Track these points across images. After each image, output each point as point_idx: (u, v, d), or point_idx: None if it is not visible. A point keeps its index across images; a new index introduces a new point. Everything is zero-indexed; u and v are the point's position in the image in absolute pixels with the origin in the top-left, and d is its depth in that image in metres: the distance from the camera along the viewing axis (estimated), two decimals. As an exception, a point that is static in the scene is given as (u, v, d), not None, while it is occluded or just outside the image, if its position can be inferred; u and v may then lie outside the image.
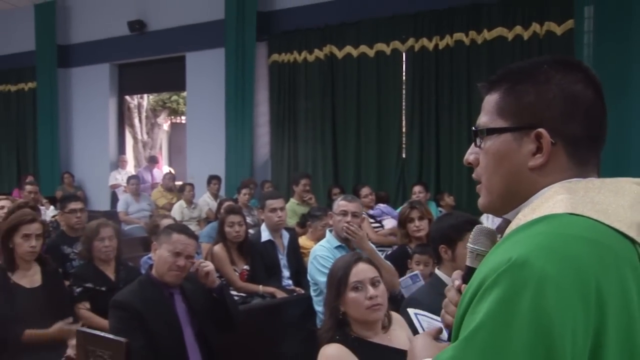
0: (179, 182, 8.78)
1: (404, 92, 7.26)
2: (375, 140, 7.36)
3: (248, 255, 4.17)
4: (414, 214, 3.85)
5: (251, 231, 4.66)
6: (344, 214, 3.35)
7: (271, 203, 4.25)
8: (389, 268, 3.23)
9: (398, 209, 5.13)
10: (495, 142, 0.98)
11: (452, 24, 6.81)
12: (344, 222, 3.32)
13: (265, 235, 4.26)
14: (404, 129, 7.29)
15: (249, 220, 4.99)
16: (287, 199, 5.87)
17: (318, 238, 4.17)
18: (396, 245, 4.27)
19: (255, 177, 7.74)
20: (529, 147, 0.94)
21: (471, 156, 1.03)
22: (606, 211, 0.87)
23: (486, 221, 4.62)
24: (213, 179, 7.64)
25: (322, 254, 3.30)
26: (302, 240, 4.60)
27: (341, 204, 3.41)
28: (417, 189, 6.12)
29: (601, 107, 0.96)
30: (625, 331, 0.81)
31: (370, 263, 2.17)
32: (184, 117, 12.87)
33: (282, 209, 4.30)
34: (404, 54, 7.20)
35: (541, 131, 0.93)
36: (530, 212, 0.90)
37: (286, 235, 4.37)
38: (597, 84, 0.97)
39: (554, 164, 0.93)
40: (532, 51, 6.24)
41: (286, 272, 4.24)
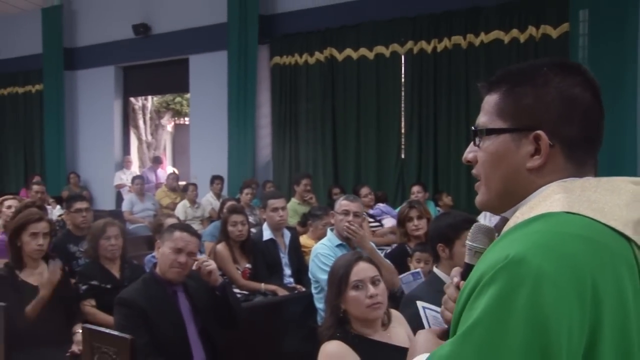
0: (182, 182, 8.79)
1: (403, 94, 7.26)
2: (374, 141, 7.36)
3: (250, 254, 4.16)
4: (413, 213, 3.84)
5: (253, 230, 4.66)
6: (346, 213, 3.35)
7: (273, 203, 4.25)
8: (388, 267, 3.22)
9: (397, 208, 5.13)
10: (494, 142, 0.97)
11: (450, 27, 6.81)
12: (345, 221, 3.32)
13: (267, 234, 4.26)
14: (403, 130, 7.30)
15: (251, 219, 4.99)
16: (289, 199, 5.87)
17: (318, 237, 4.17)
18: (395, 244, 4.26)
19: (257, 177, 7.74)
20: (527, 148, 0.94)
21: (470, 154, 1.02)
22: (602, 210, 0.86)
23: (484, 220, 4.61)
24: (216, 179, 7.64)
25: (323, 252, 3.30)
26: (303, 239, 4.59)
27: (343, 203, 3.40)
28: (416, 188, 6.12)
29: (599, 109, 0.96)
30: (620, 328, 0.80)
31: (370, 262, 2.16)
32: (187, 119, 12.87)
33: (284, 209, 4.30)
34: (402, 57, 7.21)
35: (540, 133, 0.92)
36: (528, 211, 0.90)
37: (287, 234, 4.36)
38: (595, 87, 0.96)
39: (552, 165, 0.93)
40: (528, 54, 6.24)
41: (287, 270, 4.24)
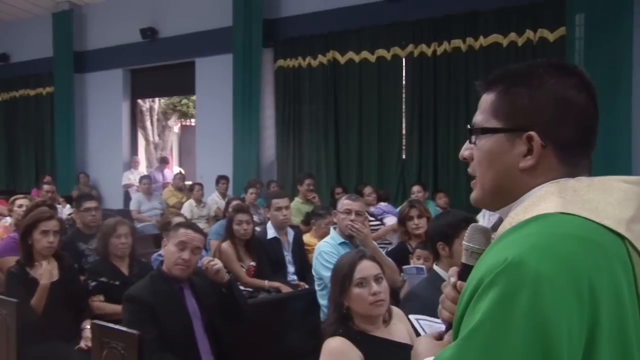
0: (188, 182, 8.80)
1: (404, 96, 7.26)
2: (376, 141, 7.36)
3: (255, 252, 4.16)
4: (413, 212, 3.84)
5: (258, 229, 4.66)
6: (348, 212, 3.34)
7: (277, 202, 4.25)
8: (390, 265, 3.22)
9: (398, 207, 5.12)
10: (489, 141, 0.97)
11: (450, 31, 6.80)
12: (348, 220, 3.31)
13: (271, 233, 4.26)
14: (403, 131, 7.29)
15: (255, 218, 4.98)
16: (292, 198, 5.86)
17: (321, 235, 4.17)
18: (395, 234, 4.24)
19: (261, 177, 7.74)
20: (520, 148, 0.93)
21: (466, 152, 1.02)
22: (595, 209, 0.86)
23: (482, 219, 4.61)
24: (221, 179, 7.64)
25: (326, 250, 3.29)
26: (306, 238, 4.60)
27: (345, 202, 3.40)
28: (416, 188, 6.11)
29: (593, 111, 0.95)
30: (618, 326, 0.80)
31: (373, 260, 2.16)
32: (193, 120, 12.87)
33: (287, 208, 4.31)
34: (403, 60, 7.20)
35: (532, 134, 0.91)
36: (522, 212, 0.89)
37: (291, 233, 4.37)
38: (591, 88, 0.95)
39: (544, 166, 0.92)
40: (525, 57, 6.22)
41: (291, 268, 4.24)
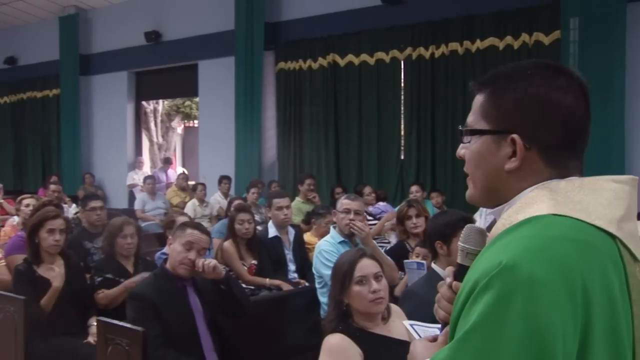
0: (191, 182, 8.79)
1: (403, 98, 7.26)
2: (375, 142, 7.36)
3: (256, 251, 4.16)
4: (412, 212, 3.84)
5: (259, 228, 4.66)
6: (347, 211, 3.34)
7: (278, 202, 4.25)
8: (389, 263, 3.22)
9: (397, 207, 5.12)
10: (478, 142, 0.97)
11: (447, 34, 6.80)
12: (347, 219, 3.32)
13: (272, 232, 4.26)
14: (402, 132, 7.29)
15: (257, 217, 4.98)
16: (293, 198, 5.86)
17: (322, 234, 4.17)
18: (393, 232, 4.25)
19: (263, 178, 7.74)
20: (506, 150, 0.92)
21: (462, 151, 1.02)
22: (586, 209, 0.85)
23: (479, 218, 4.60)
24: (223, 179, 7.64)
25: (326, 248, 3.29)
26: (307, 237, 4.59)
27: (344, 202, 3.40)
28: (414, 188, 6.11)
29: (582, 112, 0.92)
30: (610, 326, 0.80)
31: (373, 259, 2.16)
32: (196, 121, 12.87)
33: (288, 207, 4.30)
34: (402, 62, 7.20)
35: (514, 137, 0.91)
36: (515, 213, 0.88)
37: (292, 232, 4.36)
38: (580, 89, 0.93)
39: (530, 168, 0.91)
40: (521, 60, 5.94)
41: (292, 266, 4.24)
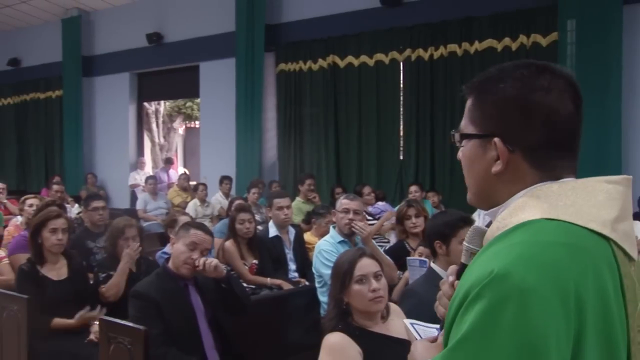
0: (193, 182, 8.79)
1: (402, 99, 7.26)
2: (375, 143, 7.36)
3: (257, 250, 4.16)
4: (411, 211, 3.84)
5: (260, 228, 4.66)
6: (346, 211, 3.35)
7: (278, 202, 4.25)
8: (389, 263, 3.23)
9: (396, 207, 5.12)
10: (467, 146, 0.97)
11: (446, 36, 6.80)
12: (346, 219, 3.32)
13: (273, 232, 4.26)
14: (401, 133, 7.29)
15: (257, 217, 4.99)
16: (293, 198, 5.87)
17: (322, 234, 4.17)
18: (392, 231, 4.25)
19: (263, 178, 7.74)
20: (492, 154, 0.92)
21: (459, 154, 1.02)
22: (579, 212, 0.84)
23: (478, 218, 4.59)
24: (224, 179, 7.65)
25: (326, 248, 3.30)
26: (307, 236, 4.59)
27: (343, 202, 3.40)
28: (413, 188, 6.11)
29: (567, 110, 0.90)
30: (603, 328, 0.79)
31: (373, 258, 2.15)
32: (197, 122, 12.86)
33: (289, 207, 4.30)
34: (401, 64, 7.19)
35: (495, 140, 0.91)
36: (508, 216, 0.87)
37: (292, 232, 4.36)
38: (564, 87, 0.90)
39: (515, 170, 0.90)
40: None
41: (292, 266, 4.24)
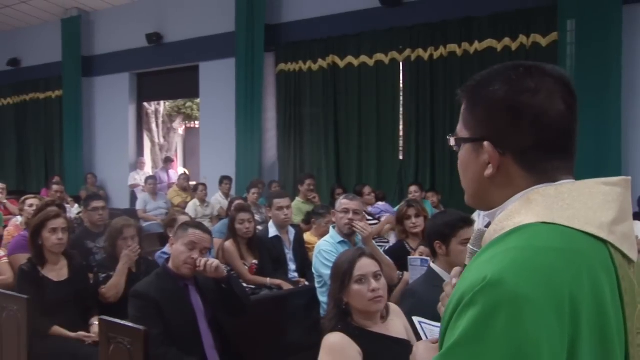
0: (192, 182, 8.78)
1: (402, 99, 7.25)
2: (375, 143, 7.35)
3: (257, 250, 4.16)
4: (411, 211, 3.84)
5: (260, 228, 4.65)
6: (346, 211, 3.35)
7: (278, 202, 4.24)
8: (388, 263, 3.22)
9: (396, 207, 5.11)
10: (462, 150, 0.98)
11: (446, 36, 6.80)
12: (346, 219, 3.32)
13: (273, 232, 4.26)
14: (401, 133, 7.29)
15: (257, 217, 4.98)
16: (293, 198, 5.86)
17: (321, 234, 4.16)
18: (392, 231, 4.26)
19: (263, 178, 7.74)
20: (484, 157, 0.92)
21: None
22: (576, 215, 0.83)
23: (478, 219, 4.59)
24: (224, 179, 7.64)
25: (326, 248, 3.29)
26: (307, 236, 4.59)
27: (343, 202, 3.40)
28: (413, 188, 6.11)
29: (557, 111, 0.88)
30: (599, 332, 0.78)
31: (372, 258, 2.15)
32: (197, 122, 12.85)
33: (288, 207, 4.30)
34: (401, 64, 7.19)
35: (485, 144, 0.90)
36: (505, 219, 0.86)
37: (292, 232, 4.36)
38: (554, 87, 0.88)
39: (507, 173, 0.90)
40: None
41: (292, 266, 4.24)
